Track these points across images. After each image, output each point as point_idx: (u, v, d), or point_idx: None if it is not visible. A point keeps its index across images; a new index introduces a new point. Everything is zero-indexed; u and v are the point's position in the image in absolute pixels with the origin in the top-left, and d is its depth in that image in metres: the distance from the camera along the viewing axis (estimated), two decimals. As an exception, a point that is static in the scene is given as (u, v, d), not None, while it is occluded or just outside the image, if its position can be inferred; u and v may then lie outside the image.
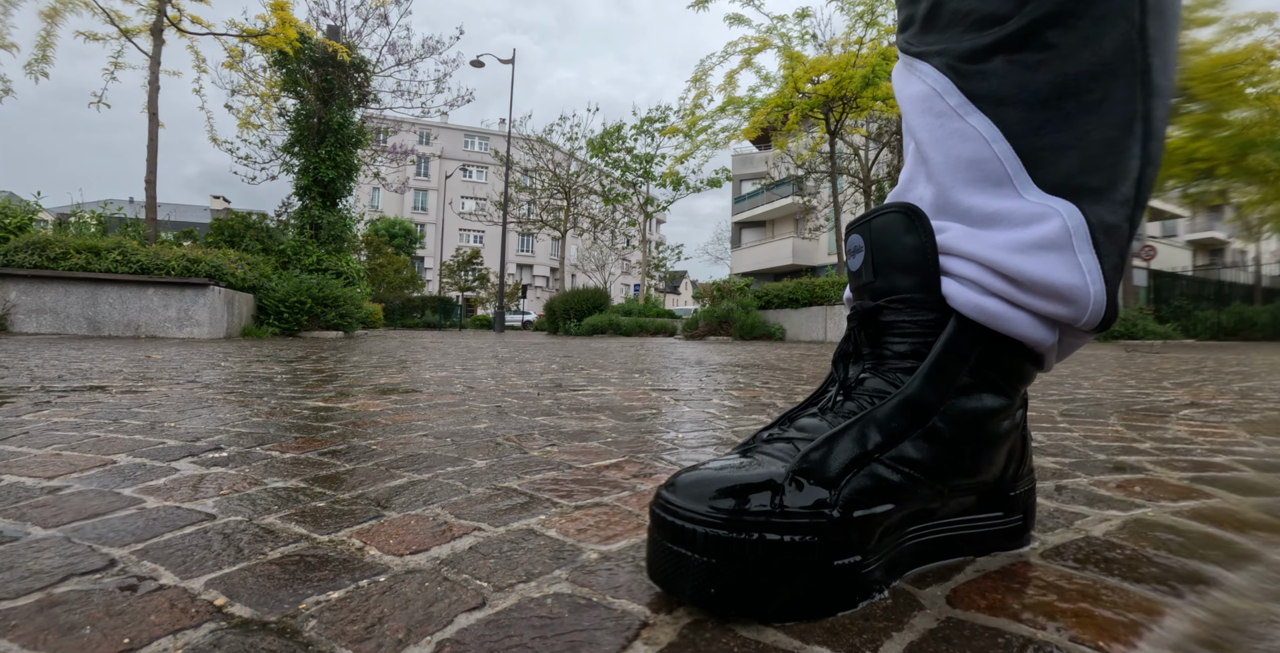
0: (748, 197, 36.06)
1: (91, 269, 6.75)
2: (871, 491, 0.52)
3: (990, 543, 0.62)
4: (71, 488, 0.81)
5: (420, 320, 30.95)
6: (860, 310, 0.60)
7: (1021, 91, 0.52)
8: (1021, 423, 0.63)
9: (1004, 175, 0.54)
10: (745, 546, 0.47)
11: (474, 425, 1.37)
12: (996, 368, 0.58)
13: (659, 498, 0.52)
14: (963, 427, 0.56)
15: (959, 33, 0.55)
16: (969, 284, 0.55)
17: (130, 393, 1.83)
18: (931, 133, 0.57)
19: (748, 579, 0.47)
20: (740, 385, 2.47)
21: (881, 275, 0.59)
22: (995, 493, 0.61)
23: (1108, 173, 0.52)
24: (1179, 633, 0.47)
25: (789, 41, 13.88)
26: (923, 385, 0.55)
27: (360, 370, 2.84)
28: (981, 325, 0.56)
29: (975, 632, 0.46)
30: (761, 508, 0.48)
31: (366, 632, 0.45)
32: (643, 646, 0.44)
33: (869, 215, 0.61)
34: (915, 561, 0.57)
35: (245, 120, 10.50)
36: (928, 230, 0.57)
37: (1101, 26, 0.50)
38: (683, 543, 0.48)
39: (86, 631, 0.44)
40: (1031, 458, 0.66)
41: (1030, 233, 0.52)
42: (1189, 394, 2.32)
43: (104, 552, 0.59)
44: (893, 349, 0.59)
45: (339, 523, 0.69)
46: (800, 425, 0.58)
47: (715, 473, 0.51)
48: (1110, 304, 0.54)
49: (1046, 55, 0.51)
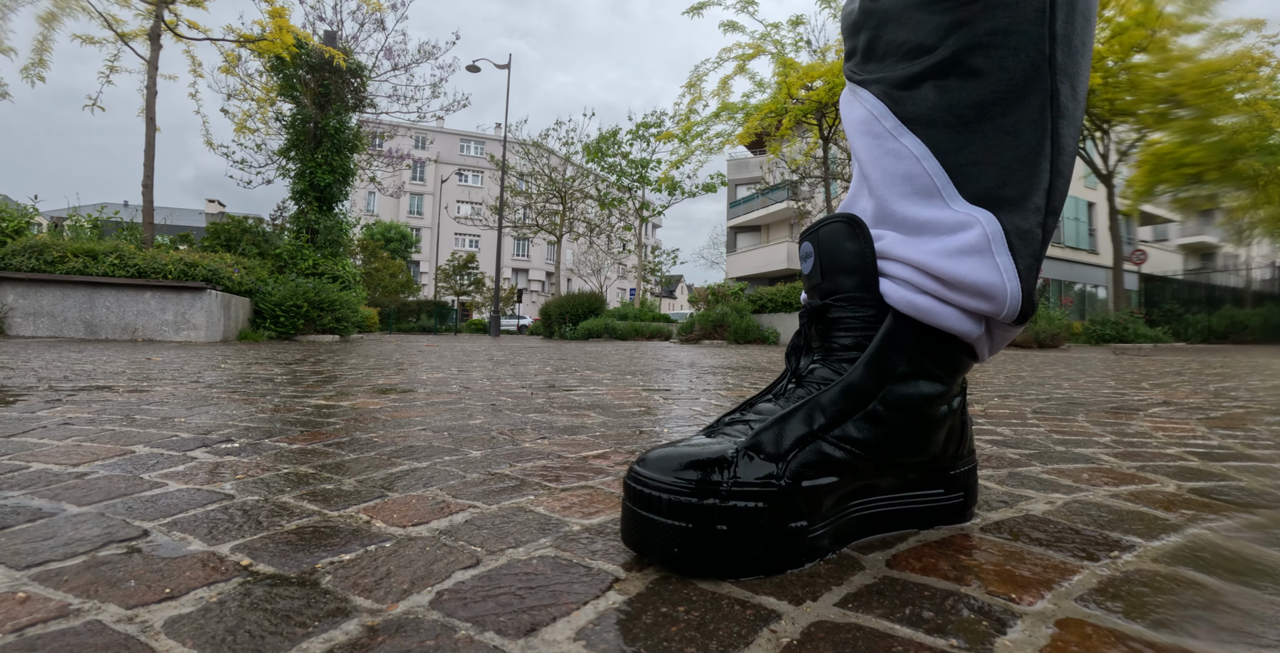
0: (743, 201, 36.24)
1: (89, 273, 6.80)
2: (816, 464, 0.59)
3: (933, 517, 0.69)
4: (97, 473, 0.87)
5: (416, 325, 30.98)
6: (809, 308, 0.68)
7: (947, 114, 0.60)
8: (960, 408, 0.70)
9: (933, 189, 0.61)
10: (704, 511, 0.54)
11: (469, 421, 1.44)
12: (931, 357, 0.65)
13: (631, 471, 0.59)
14: (900, 410, 0.63)
15: (894, 62, 0.63)
16: (903, 284, 0.63)
17: (136, 392, 1.89)
18: (870, 153, 0.65)
19: (706, 541, 0.54)
20: (729, 386, 2.55)
21: (828, 277, 0.67)
22: (936, 471, 0.68)
23: (1021, 185, 0.60)
24: (1087, 588, 0.54)
25: (782, 48, 14.04)
26: (863, 373, 0.63)
27: (358, 372, 2.90)
28: (915, 320, 0.63)
29: (905, 587, 0.53)
30: (718, 478, 0.55)
31: (376, 584, 0.52)
32: (615, 594, 0.51)
33: (817, 225, 0.68)
34: (861, 531, 0.64)
35: (241, 125, 10.57)
36: (867, 237, 0.64)
37: (1015, 56, 0.58)
38: (651, 509, 0.55)
39: (131, 584, 0.51)
40: (972, 440, 0.73)
41: (956, 240, 0.60)
42: (1164, 394, 2.40)
43: (137, 524, 0.66)
44: (838, 342, 0.66)
45: (347, 502, 0.76)
46: (757, 409, 0.66)
47: (679, 449, 0.59)
48: (1026, 299, 0.61)
49: (968, 81, 0.59)
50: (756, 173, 35.14)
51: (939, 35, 0.59)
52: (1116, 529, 0.70)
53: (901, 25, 0.62)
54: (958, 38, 0.58)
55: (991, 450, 1.16)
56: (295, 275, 9.42)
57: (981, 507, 0.78)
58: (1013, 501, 0.81)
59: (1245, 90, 13.92)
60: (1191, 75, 13.07)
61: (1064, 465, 1.04)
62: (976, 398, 2.13)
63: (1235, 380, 3.19)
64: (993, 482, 0.91)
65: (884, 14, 0.64)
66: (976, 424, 1.51)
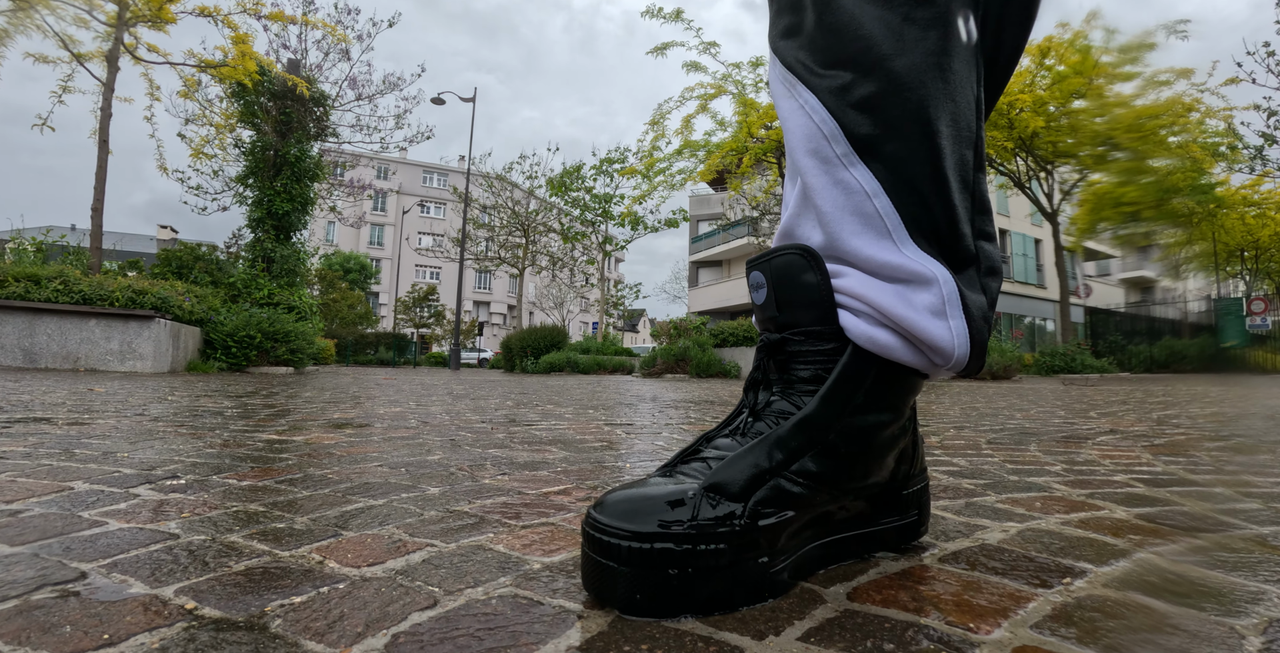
0: (704, 237, 36.77)
1: (30, 298, 6.54)
2: (774, 501, 0.59)
3: (889, 540, 0.70)
4: (32, 511, 0.83)
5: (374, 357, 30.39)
6: (767, 342, 0.68)
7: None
8: (911, 428, 0.72)
9: (885, 230, 0.62)
10: (664, 556, 0.53)
11: (428, 457, 1.41)
12: (887, 387, 0.66)
13: (588, 517, 0.57)
14: (856, 440, 0.64)
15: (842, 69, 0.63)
16: (864, 317, 0.64)
17: (77, 425, 1.81)
18: (819, 179, 0.63)
19: (668, 585, 0.53)
20: (692, 420, 2.55)
21: (785, 310, 0.66)
22: (888, 494, 0.69)
23: (954, 244, 0.63)
24: (1042, 615, 0.55)
25: (743, 89, 14.45)
26: (820, 407, 0.63)
27: (313, 405, 2.83)
28: (874, 354, 0.64)
29: (867, 619, 0.54)
30: (677, 521, 0.54)
31: (328, 627, 0.50)
32: (576, 633, 0.50)
33: (768, 255, 0.68)
34: (820, 563, 0.65)
35: (198, 150, 10.41)
36: (824, 271, 0.64)
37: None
38: (609, 556, 0.54)
39: (67, 629, 0.48)
40: (923, 458, 0.75)
41: (915, 296, 0.61)
42: (1110, 423, 2.47)
43: (74, 565, 0.63)
44: (797, 375, 0.66)
45: (299, 541, 0.73)
46: (715, 444, 0.65)
47: (637, 492, 0.58)
48: (975, 358, 0.64)
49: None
50: (718, 209, 35.76)
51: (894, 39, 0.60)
52: (1069, 556, 0.71)
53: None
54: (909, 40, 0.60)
55: (948, 481, 1.18)
56: (249, 305, 9.20)
57: (939, 537, 0.79)
58: (969, 530, 0.83)
59: (1177, 134, 14.77)
60: (1127, 120, 13.82)
61: (1018, 494, 1.07)
62: (933, 429, 2.17)
63: (1177, 408, 3.31)
64: (950, 512, 0.93)
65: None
66: (933, 455, 1.53)
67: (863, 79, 0.61)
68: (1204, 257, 20.95)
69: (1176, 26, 13.66)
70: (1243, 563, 0.70)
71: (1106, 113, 14.14)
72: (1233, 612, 0.55)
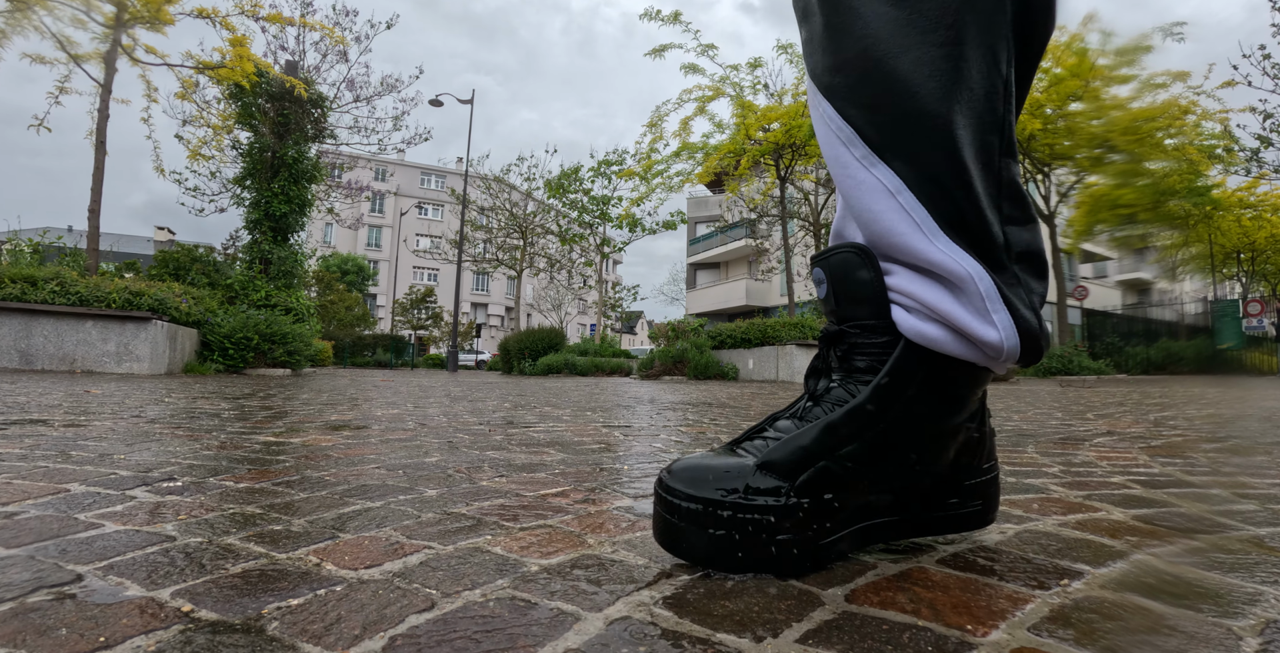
0: (702, 239, 36.79)
1: (27, 299, 6.53)
2: (821, 480, 0.64)
3: (951, 525, 0.72)
4: (28, 513, 0.83)
5: (371, 359, 30.37)
6: (827, 332, 0.72)
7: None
8: (977, 421, 0.72)
9: (914, 224, 0.62)
10: (715, 518, 0.61)
11: (425, 459, 1.41)
12: (943, 379, 0.67)
13: (659, 480, 0.66)
14: (908, 430, 0.66)
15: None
16: (915, 313, 0.65)
17: (74, 426, 1.80)
18: (844, 183, 0.66)
19: (720, 544, 0.61)
20: (689, 422, 2.55)
21: (842, 304, 0.70)
22: (949, 482, 0.71)
23: (985, 235, 0.63)
24: (1039, 616, 0.55)
25: (741, 90, 14.47)
26: (870, 397, 0.66)
27: (310, 407, 2.83)
28: (926, 348, 0.65)
29: (864, 621, 0.54)
30: (733, 489, 0.62)
31: (325, 630, 0.50)
32: (573, 636, 0.50)
33: (827, 253, 0.70)
34: (878, 539, 0.69)
35: (196, 151, 10.39)
36: (876, 268, 0.66)
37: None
38: (672, 514, 0.63)
39: (62, 632, 0.48)
40: (993, 450, 0.75)
41: (958, 295, 0.62)
42: (1107, 424, 2.48)
43: (70, 568, 0.62)
44: (855, 364, 0.69)
45: (296, 543, 0.73)
46: (777, 426, 0.70)
47: (701, 462, 0.66)
48: (1026, 349, 0.64)
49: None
50: (716, 211, 35.80)
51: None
52: (1066, 557, 0.72)
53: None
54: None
55: (946, 484, 1.18)
56: (246, 307, 9.19)
57: (937, 539, 0.79)
58: (967, 533, 0.83)
59: (1173, 136, 14.83)
60: (1123, 122, 13.87)
61: (1015, 496, 1.07)
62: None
63: (1174, 410, 3.32)
64: (947, 515, 0.93)
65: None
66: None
67: (867, 80, 0.62)
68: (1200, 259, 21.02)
69: (1173, 29, 13.72)
70: (1240, 564, 0.70)
71: (1103, 115, 14.18)
72: (1230, 613, 0.56)
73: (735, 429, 2.24)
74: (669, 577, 0.63)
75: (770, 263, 26.92)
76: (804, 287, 21.13)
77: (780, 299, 29.49)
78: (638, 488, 1.11)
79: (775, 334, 11.21)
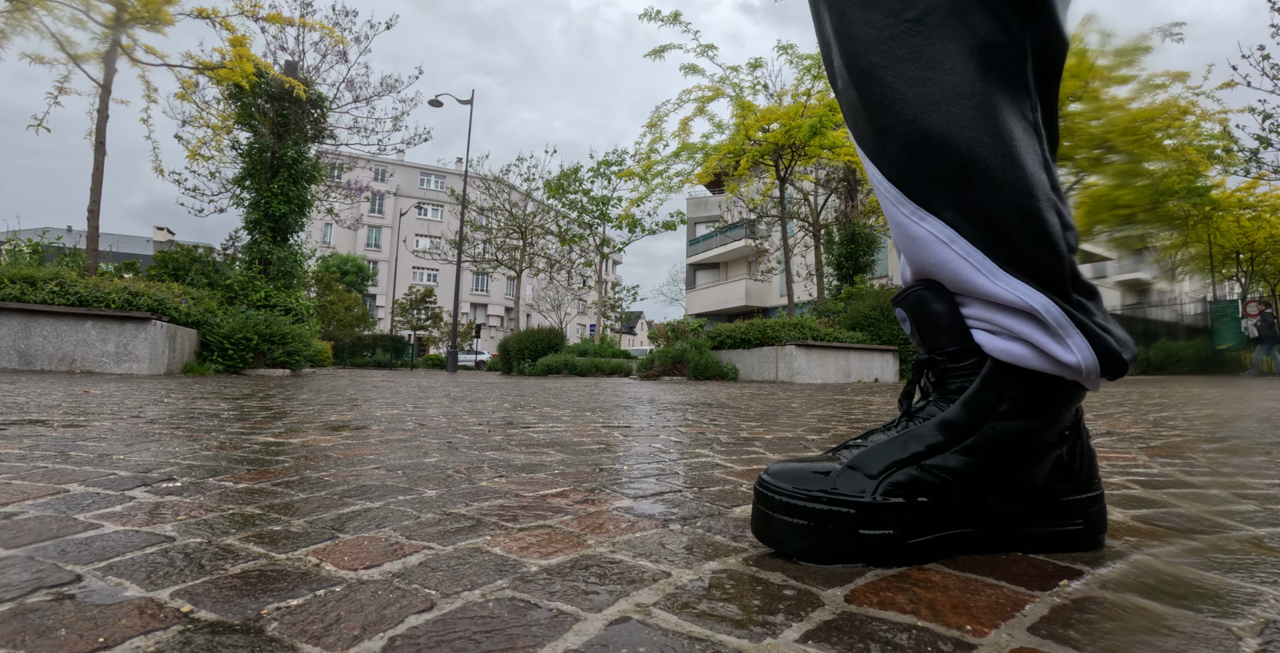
0: (702, 239, 36.81)
1: (26, 299, 6.52)
2: (906, 486, 0.68)
3: (1048, 544, 0.73)
4: (27, 513, 0.83)
5: (371, 359, 30.36)
6: (919, 361, 0.78)
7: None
8: (1071, 438, 0.73)
9: (973, 268, 0.66)
10: (803, 511, 0.67)
11: (424, 459, 1.41)
12: (1034, 396, 0.69)
13: (760, 478, 0.73)
14: (999, 444, 0.69)
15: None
16: (998, 334, 0.68)
17: (73, 427, 1.80)
18: (901, 239, 0.71)
19: (807, 534, 0.67)
20: (689, 423, 2.55)
21: (926, 336, 0.75)
22: (1045, 499, 0.72)
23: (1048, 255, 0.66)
24: (1039, 616, 0.55)
25: (741, 91, 14.46)
26: (959, 410, 0.70)
27: (309, 408, 2.83)
28: (1013, 364, 0.68)
29: (864, 621, 0.54)
30: (821, 488, 0.68)
31: (325, 630, 0.50)
32: (573, 637, 0.50)
33: (902, 294, 0.75)
34: (967, 549, 0.72)
35: (195, 152, 10.38)
36: (950, 300, 0.71)
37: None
38: (767, 506, 0.70)
39: (61, 632, 0.48)
40: (1095, 469, 0.76)
41: (1031, 323, 0.65)
42: (1107, 425, 2.48)
43: (69, 568, 0.62)
44: (949, 386, 0.74)
45: (295, 544, 0.73)
46: (871, 438, 0.75)
47: (798, 463, 0.73)
48: (1107, 366, 0.67)
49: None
50: (715, 212, 35.81)
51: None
52: (1065, 558, 0.72)
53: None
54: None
55: (945, 485, 1.18)
56: (246, 307, 9.18)
57: (936, 541, 0.79)
58: (966, 534, 0.83)
59: (1172, 137, 14.82)
60: (1122, 123, 13.88)
61: (1014, 499, 1.07)
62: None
63: (1173, 410, 3.32)
64: (947, 516, 0.93)
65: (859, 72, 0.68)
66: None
67: (902, 140, 0.66)
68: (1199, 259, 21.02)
69: (1172, 30, 13.72)
70: (1239, 565, 0.70)
71: (1102, 116, 14.19)
72: (1229, 613, 0.56)
73: (735, 430, 2.24)
74: (669, 577, 0.63)
75: (770, 263, 26.91)
76: (803, 287, 21.14)
77: (780, 299, 29.50)
78: (637, 488, 1.11)
79: (775, 335, 11.21)
